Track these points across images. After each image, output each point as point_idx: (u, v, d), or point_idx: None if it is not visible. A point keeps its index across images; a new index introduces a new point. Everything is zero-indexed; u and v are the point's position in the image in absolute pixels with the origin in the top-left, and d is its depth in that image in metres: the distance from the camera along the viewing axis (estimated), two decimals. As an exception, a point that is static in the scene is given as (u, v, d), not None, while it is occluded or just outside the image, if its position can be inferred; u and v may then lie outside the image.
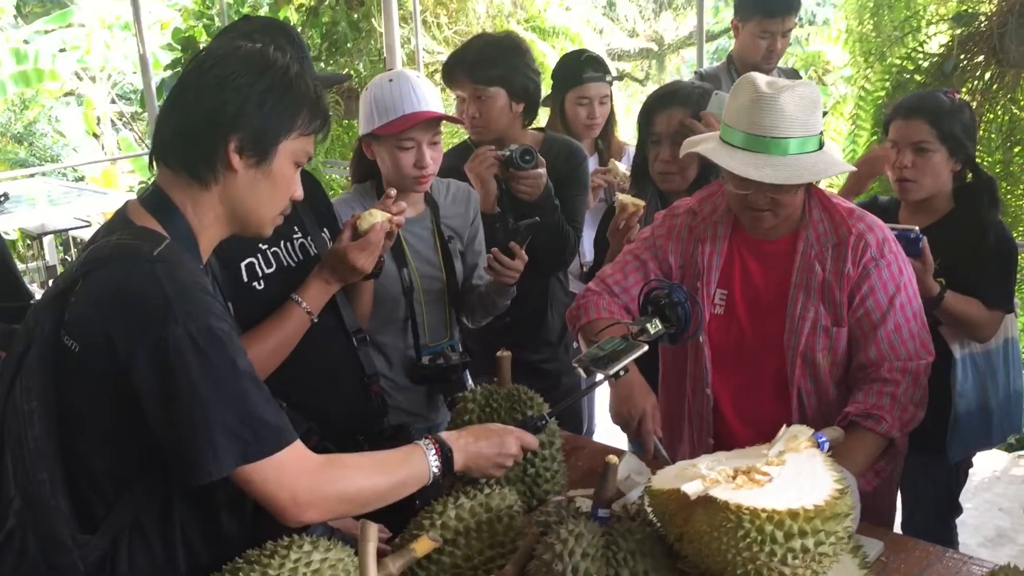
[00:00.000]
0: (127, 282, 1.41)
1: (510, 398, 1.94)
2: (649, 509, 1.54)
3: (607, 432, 3.59)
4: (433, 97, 2.41)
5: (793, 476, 1.44)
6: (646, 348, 1.91)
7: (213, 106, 1.50)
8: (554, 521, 1.57)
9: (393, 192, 2.17)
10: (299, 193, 1.63)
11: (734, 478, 1.43)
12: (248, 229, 1.61)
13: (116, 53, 11.78)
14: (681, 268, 2.27)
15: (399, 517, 1.72)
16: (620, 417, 2.17)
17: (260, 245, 2.05)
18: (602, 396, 3.54)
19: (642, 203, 2.61)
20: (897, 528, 2.55)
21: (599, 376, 1.91)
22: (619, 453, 2.14)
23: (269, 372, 1.94)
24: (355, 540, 1.43)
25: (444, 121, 2.43)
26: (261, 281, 2.04)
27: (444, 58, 7.04)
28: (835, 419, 2.04)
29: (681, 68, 13.12)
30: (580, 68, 3.34)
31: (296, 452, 1.48)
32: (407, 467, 1.62)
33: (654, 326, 1.95)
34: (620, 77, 4.45)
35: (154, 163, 1.58)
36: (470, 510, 1.65)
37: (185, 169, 1.52)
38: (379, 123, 2.38)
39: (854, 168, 2.30)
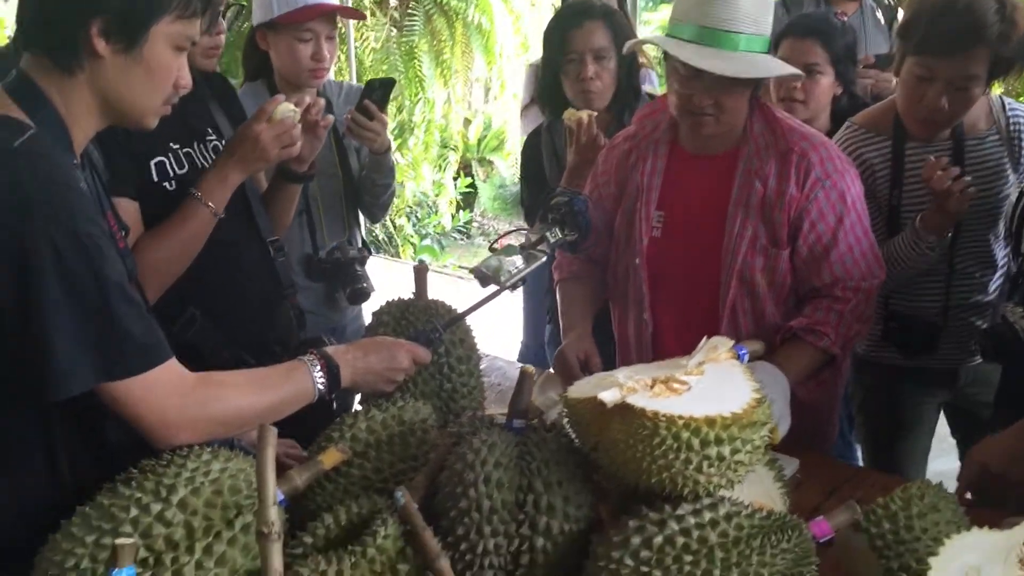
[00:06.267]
0: None
1: (427, 311, 1.88)
2: (566, 420, 1.50)
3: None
4: None
5: (711, 385, 1.41)
6: (544, 259, 1.87)
7: None
8: (467, 432, 1.52)
9: (281, 96, 2.01)
10: (185, 81, 1.49)
11: (652, 387, 1.40)
12: (127, 120, 1.47)
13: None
14: (622, 195, 2.20)
15: (313, 432, 1.65)
16: (559, 364, 2.16)
17: (171, 144, 1.95)
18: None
19: (591, 112, 2.52)
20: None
21: (494, 287, 1.86)
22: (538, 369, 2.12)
23: (177, 274, 1.86)
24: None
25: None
26: (173, 182, 1.94)
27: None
28: (774, 337, 2.03)
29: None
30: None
31: (169, 371, 1.39)
32: (289, 384, 1.55)
33: (553, 235, 1.93)
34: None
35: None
36: (382, 422, 1.59)
37: (47, 55, 1.38)
38: (279, 12, 2.35)
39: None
